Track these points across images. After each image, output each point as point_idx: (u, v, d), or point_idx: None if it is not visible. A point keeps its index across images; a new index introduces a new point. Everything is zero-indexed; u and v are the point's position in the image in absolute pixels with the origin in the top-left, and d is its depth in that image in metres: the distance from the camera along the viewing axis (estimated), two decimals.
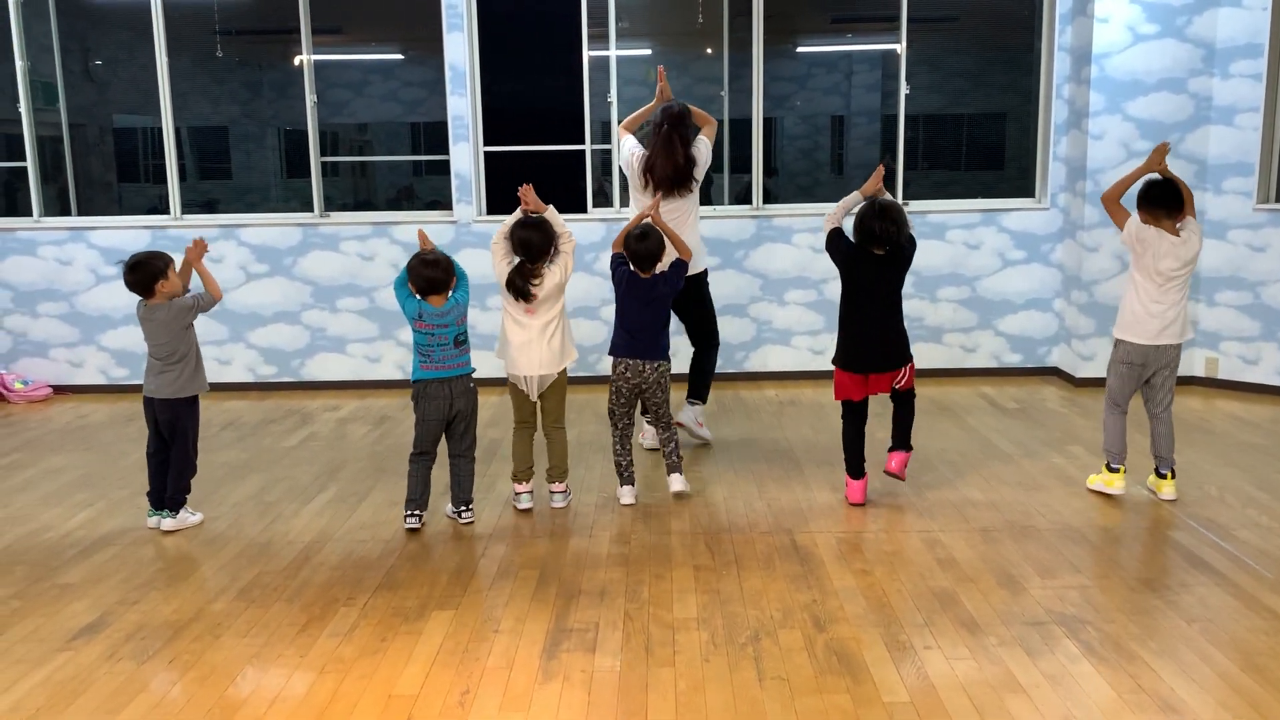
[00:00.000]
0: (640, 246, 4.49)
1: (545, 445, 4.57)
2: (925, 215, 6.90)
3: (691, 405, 5.43)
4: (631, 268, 4.54)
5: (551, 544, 4.11)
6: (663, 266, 4.57)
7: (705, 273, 5.39)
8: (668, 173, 5.02)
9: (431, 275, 4.17)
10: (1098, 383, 6.64)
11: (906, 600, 3.50)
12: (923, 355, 5.04)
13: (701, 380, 5.45)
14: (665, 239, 4.57)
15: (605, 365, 5.70)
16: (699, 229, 5.31)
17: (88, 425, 6.26)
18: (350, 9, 9.18)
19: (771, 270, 7.01)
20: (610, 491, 4.71)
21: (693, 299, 5.26)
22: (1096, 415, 5.94)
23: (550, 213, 4.41)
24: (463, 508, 4.35)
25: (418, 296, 4.20)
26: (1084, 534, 4.10)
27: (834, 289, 6.97)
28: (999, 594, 3.54)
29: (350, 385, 7.11)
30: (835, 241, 4.47)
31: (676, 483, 4.59)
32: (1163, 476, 4.46)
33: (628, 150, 5.20)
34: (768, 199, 7.11)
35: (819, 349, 7.08)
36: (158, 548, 4.16)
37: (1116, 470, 4.48)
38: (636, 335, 4.54)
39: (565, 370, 4.50)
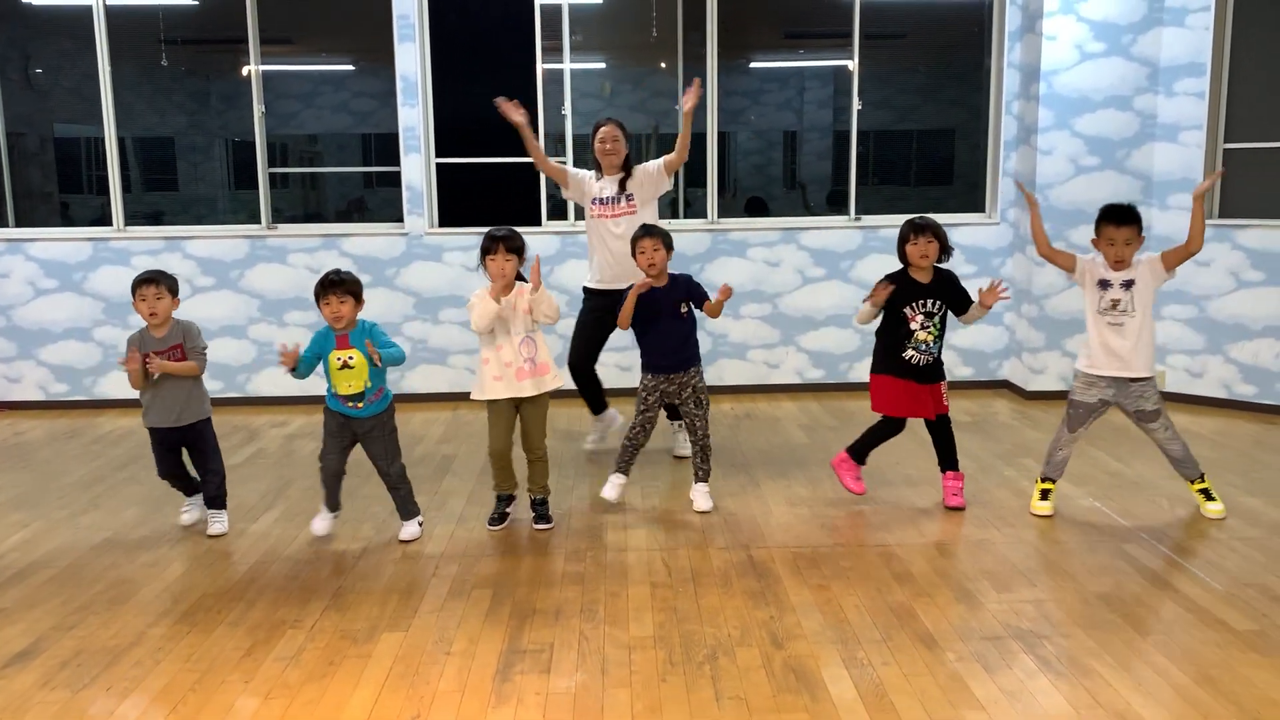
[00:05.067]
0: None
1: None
2: (877, 230, 6.94)
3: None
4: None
5: (505, 563, 4.04)
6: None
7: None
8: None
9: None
10: (1048, 396, 6.72)
11: (864, 615, 3.48)
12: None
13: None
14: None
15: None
16: None
17: (24, 443, 6.07)
18: (300, 19, 9.06)
19: (727, 283, 6.99)
20: (566, 507, 4.66)
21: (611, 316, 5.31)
22: (1047, 428, 5.99)
23: (542, 291, 4.30)
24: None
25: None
26: (1038, 547, 4.11)
27: (789, 303, 7.00)
28: (956, 608, 3.53)
29: (298, 401, 6.97)
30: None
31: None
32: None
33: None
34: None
35: (774, 363, 7.08)
36: (97, 570, 4.02)
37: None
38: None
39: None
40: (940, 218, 7.00)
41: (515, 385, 4.30)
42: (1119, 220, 4.25)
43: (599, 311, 5.29)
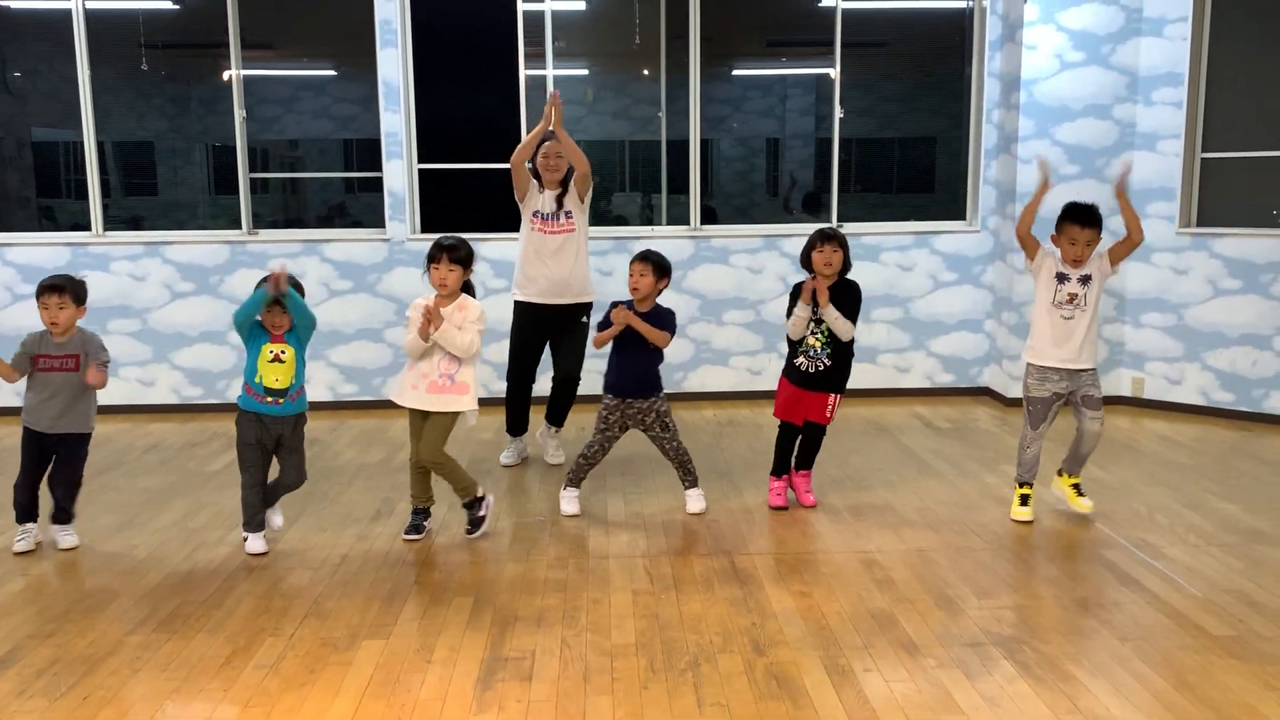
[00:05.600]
0: None
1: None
2: (860, 238, 6.96)
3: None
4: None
5: (486, 570, 4.03)
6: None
7: (589, 305, 5.39)
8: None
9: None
10: None
11: (845, 622, 3.49)
12: (858, 375, 5.11)
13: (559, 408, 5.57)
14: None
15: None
16: (588, 261, 5.37)
17: (1, 449, 6.01)
18: (281, 24, 9.02)
19: (710, 291, 7.02)
20: (549, 515, 4.65)
21: (565, 329, 5.30)
22: None
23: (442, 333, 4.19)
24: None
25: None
26: (1018, 553, 4.13)
27: (771, 309, 7.01)
28: (937, 615, 3.54)
29: None
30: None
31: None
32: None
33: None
34: (710, 219, 7.13)
35: (757, 369, 7.10)
36: (75, 577, 3.99)
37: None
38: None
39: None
40: (921, 225, 7.12)
41: (423, 398, 4.23)
42: (1084, 222, 4.32)
43: (533, 328, 5.29)
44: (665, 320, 4.54)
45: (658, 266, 4.52)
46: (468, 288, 4.35)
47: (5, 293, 6.79)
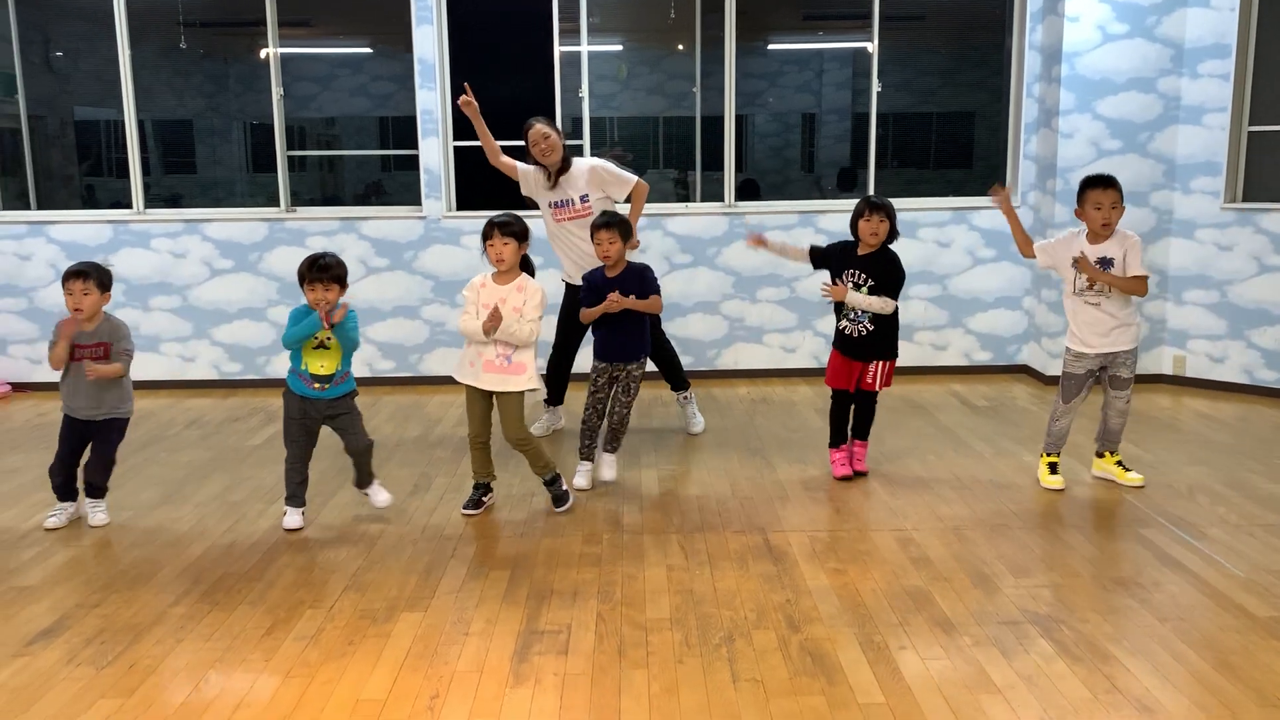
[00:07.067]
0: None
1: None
2: (897, 213, 6.88)
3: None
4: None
5: (522, 544, 4.06)
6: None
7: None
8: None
9: None
10: None
11: (880, 600, 3.48)
12: None
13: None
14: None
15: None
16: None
17: (47, 423, 6.12)
18: (318, 1, 9.06)
19: (744, 268, 6.99)
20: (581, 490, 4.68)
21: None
22: None
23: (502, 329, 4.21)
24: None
25: None
26: (1055, 532, 4.10)
27: (806, 286, 6.97)
28: (973, 593, 3.53)
29: None
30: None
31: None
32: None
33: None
34: (748, 197, 7.09)
35: (791, 347, 7.07)
36: (120, 549, 4.07)
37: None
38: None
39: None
40: (960, 201, 7.03)
41: (480, 377, 4.27)
42: (1104, 184, 4.35)
43: (577, 306, 5.33)
44: (648, 283, 4.62)
45: (622, 229, 4.57)
46: (526, 266, 4.36)
47: (50, 269, 6.90)
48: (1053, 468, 4.63)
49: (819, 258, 4.80)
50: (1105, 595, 3.49)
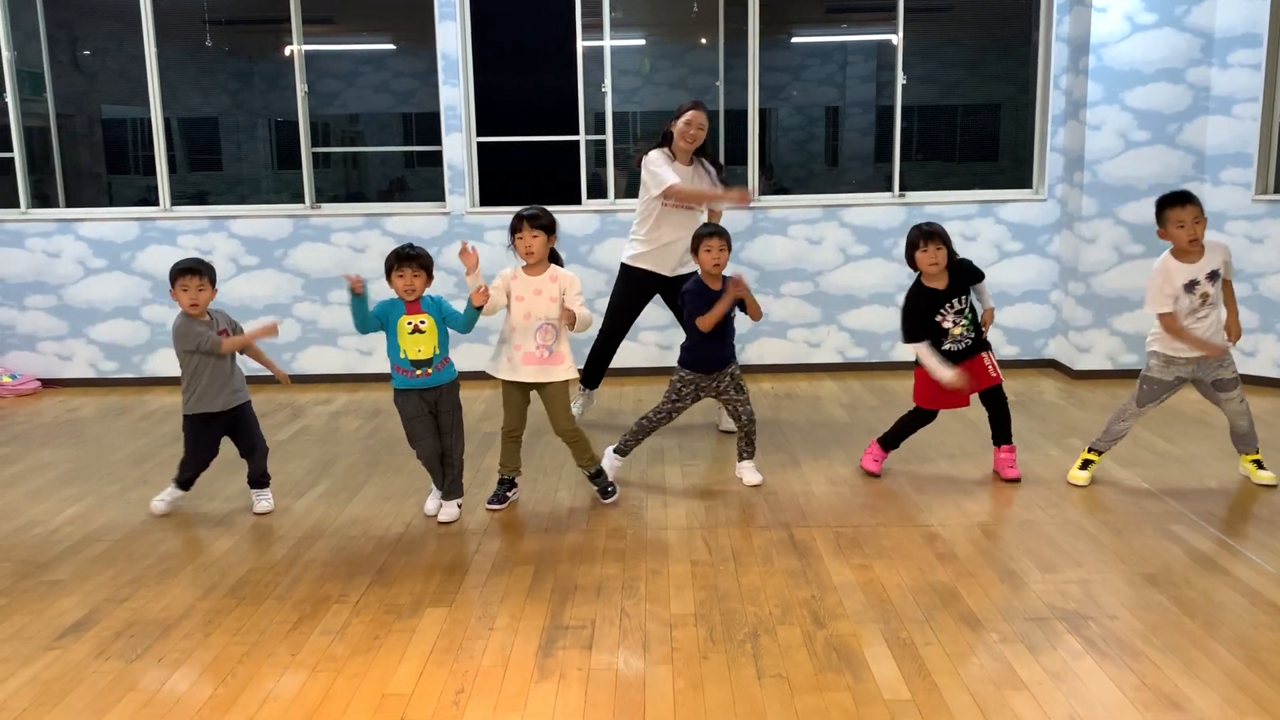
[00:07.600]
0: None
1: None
2: (922, 207, 6.85)
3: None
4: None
5: (546, 539, 4.06)
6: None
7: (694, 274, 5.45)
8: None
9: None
10: (1095, 375, 6.63)
11: (906, 596, 3.46)
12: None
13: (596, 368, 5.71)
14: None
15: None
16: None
17: (77, 419, 6.19)
18: None
19: (768, 262, 6.96)
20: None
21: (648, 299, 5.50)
22: (1094, 407, 5.91)
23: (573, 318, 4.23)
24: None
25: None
26: (1084, 528, 4.06)
27: (829, 281, 6.94)
28: (999, 589, 3.50)
29: (342, 379, 7.06)
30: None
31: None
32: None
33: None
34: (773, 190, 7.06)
35: (815, 341, 7.04)
36: (148, 544, 4.10)
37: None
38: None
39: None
40: (986, 194, 6.98)
41: (519, 370, 4.28)
42: (1182, 201, 4.21)
43: (643, 297, 5.34)
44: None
45: (729, 240, 4.54)
46: (555, 258, 4.36)
47: (78, 267, 6.97)
48: (1085, 464, 4.55)
49: (918, 330, 4.51)
50: (1135, 591, 3.46)
